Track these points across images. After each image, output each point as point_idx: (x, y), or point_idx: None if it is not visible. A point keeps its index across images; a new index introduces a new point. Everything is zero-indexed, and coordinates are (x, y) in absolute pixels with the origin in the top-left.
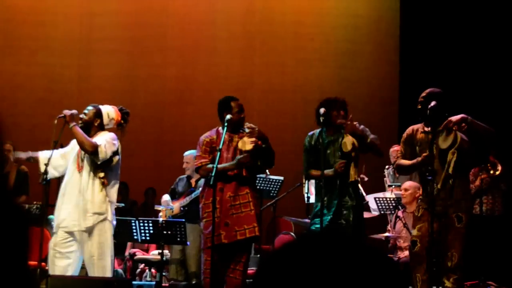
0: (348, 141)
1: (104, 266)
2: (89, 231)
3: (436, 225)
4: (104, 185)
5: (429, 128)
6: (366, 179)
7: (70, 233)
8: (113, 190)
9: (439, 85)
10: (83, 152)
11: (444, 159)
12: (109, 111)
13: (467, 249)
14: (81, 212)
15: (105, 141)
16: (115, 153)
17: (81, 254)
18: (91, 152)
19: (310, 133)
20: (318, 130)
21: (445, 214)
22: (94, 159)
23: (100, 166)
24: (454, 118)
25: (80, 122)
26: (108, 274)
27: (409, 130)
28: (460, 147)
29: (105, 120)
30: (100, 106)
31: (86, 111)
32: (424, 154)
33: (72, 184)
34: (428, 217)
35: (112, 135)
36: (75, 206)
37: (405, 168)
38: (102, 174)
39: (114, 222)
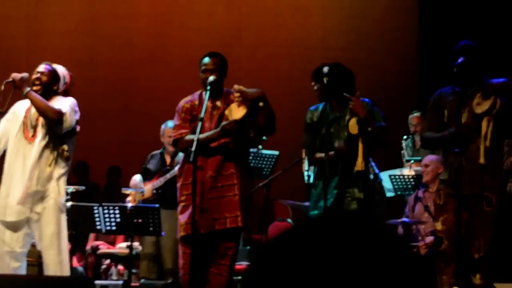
0: (354, 123)
1: (61, 261)
2: (41, 216)
3: (464, 213)
4: (68, 160)
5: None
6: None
7: (21, 223)
8: (68, 166)
9: (467, 38)
10: (34, 118)
11: (477, 126)
12: (65, 75)
13: (499, 241)
14: (31, 193)
15: (69, 107)
16: (77, 122)
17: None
18: (56, 120)
19: (312, 108)
20: (321, 104)
21: (472, 195)
22: (56, 129)
23: (61, 137)
24: (496, 82)
25: (37, 84)
26: (66, 272)
27: (436, 94)
28: (498, 113)
29: (61, 85)
30: (55, 66)
31: (42, 70)
32: (451, 130)
33: (19, 159)
34: (454, 204)
35: (73, 100)
36: (22, 186)
37: (433, 141)
38: (66, 147)
39: (68, 204)
